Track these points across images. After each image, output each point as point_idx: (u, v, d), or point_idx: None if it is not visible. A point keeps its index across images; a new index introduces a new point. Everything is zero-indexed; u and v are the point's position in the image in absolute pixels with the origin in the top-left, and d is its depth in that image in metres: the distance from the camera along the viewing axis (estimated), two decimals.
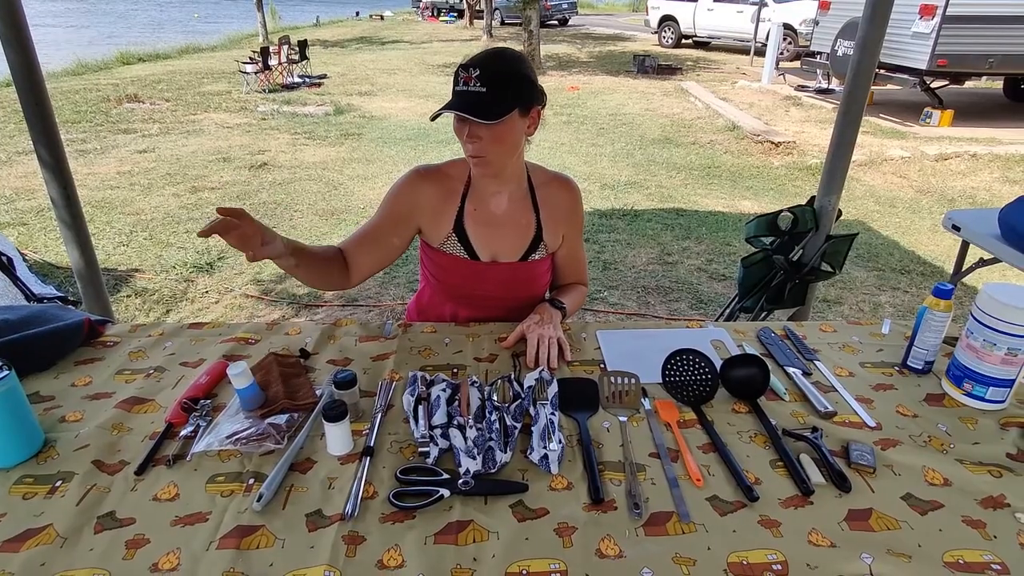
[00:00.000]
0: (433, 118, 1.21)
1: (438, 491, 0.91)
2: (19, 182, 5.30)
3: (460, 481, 0.93)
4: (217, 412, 1.09)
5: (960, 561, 0.82)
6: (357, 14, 29.91)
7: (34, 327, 1.24)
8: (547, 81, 11.30)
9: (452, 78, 1.24)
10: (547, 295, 1.52)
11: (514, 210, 1.40)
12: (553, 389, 1.13)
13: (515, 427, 1.04)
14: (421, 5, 28.61)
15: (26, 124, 2.00)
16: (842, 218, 2.61)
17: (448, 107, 1.18)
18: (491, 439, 1.00)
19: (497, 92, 1.18)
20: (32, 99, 1.95)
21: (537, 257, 1.43)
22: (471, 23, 22.57)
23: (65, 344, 1.26)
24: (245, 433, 0.99)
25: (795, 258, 2.51)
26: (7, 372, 0.94)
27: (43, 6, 30.75)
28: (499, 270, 1.42)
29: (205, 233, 0.93)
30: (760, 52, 12.43)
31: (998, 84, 9.84)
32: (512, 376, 1.18)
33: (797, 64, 11.52)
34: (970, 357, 1.13)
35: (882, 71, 7.83)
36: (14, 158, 5.98)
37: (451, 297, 1.48)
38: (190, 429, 1.04)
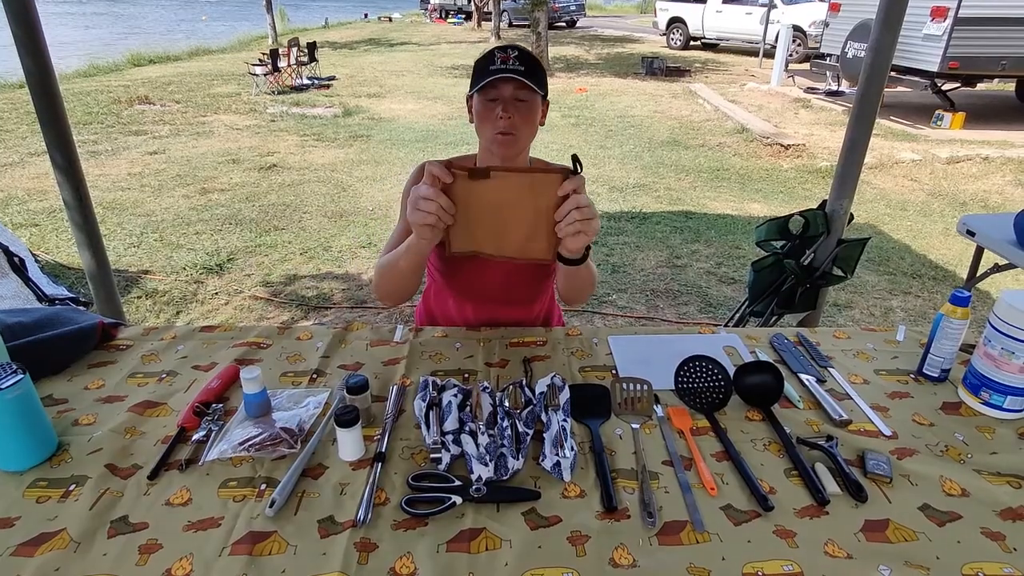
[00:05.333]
0: (480, 91, 1.23)
1: (450, 498, 0.91)
2: (31, 183, 5.34)
3: (472, 488, 0.92)
4: (229, 416, 1.09)
5: (980, 574, 0.81)
6: (365, 16, 30.02)
7: (48, 330, 1.24)
8: (555, 83, 11.32)
9: (476, 65, 1.26)
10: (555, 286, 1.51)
11: None
12: (565, 395, 1.12)
13: (527, 434, 1.04)
14: (429, 7, 28.68)
15: (40, 127, 2.01)
16: (853, 222, 2.59)
17: (499, 73, 1.20)
18: (503, 446, 1.00)
19: (533, 72, 1.24)
20: (46, 103, 1.96)
21: None
22: (479, 25, 22.60)
23: (79, 347, 1.27)
24: (258, 439, 0.99)
25: (806, 262, 2.49)
26: (22, 376, 0.95)
27: (56, 8, 31.03)
28: (501, 260, 1.41)
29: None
30: (769, 54, 12.38)
31: (1010, 86, 9.74)
32: (524, 382, 1.18)
33: (806, 66, 11.48)
34: (988, 366, 1.12)
35: (893, 73, 7.77)
36: (27, 159, 6.03)
37: (455, 292, 1.48)
38: (202, 433, 1.04)
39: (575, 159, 1.04)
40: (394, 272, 1.25)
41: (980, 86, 8.84)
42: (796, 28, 13.04)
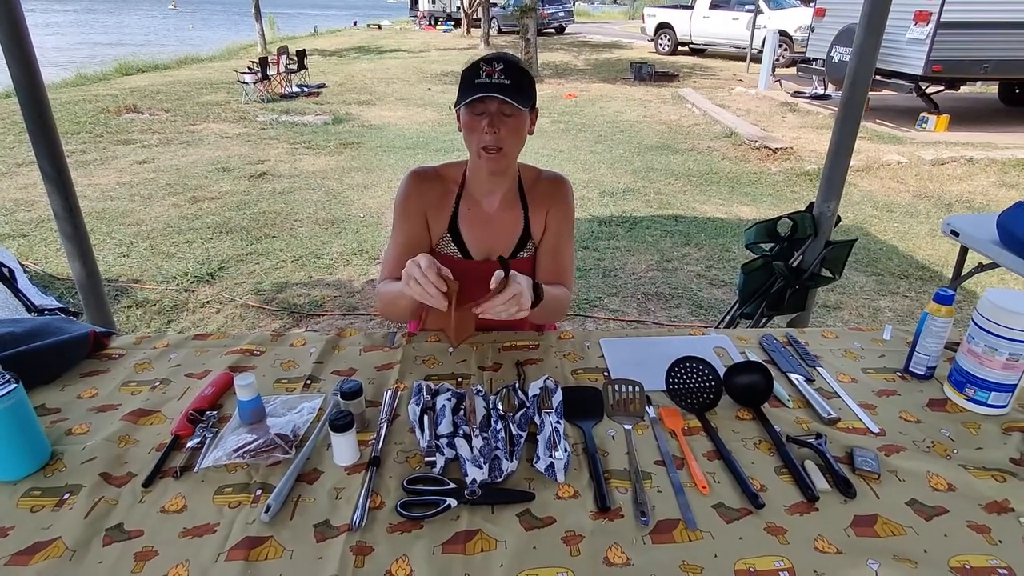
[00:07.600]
0: (466, 104, 1.24)
1: (445, 500, 0.91)
2: (19, 193, 5.30)
3: (467, 490, 0.93)
4: (223, 423, 1.09)
5: (966, 566, 0.83)
6: (355, 24, 30.04)
7: (40, 339, 1.24)
8: (545, 89, 11.38)
9: (463, 75, 1.26)
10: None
11: (504, 208, 1.43)
12: (558, 398, 1.13)
13: (521, 436, 1.04)
14: (418, 14, 28.77)
15: (28, 137, 2.00)
16: (840, 223, 2.62)
17: (483, 91, 1.20)
18: (497, 448, 1.01)
19: (520, 85, 1.24)
20: (35, 113, 1.95)
21: (525, 254, 1.46)
22: (468, 32, 22.71)
23: (71, 356, 1.27)
24: (253, 445, 1.00)
25: (795, 264, 2.52)
26: (14, 385, 0.94)
27: (43, 17, 30.86)
28: (490, 267, 1.42)
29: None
30: (756, 59, 12.51)
31: (993, 89, 9.90)
32: (517, 385, 1.19)
33: (793, 70, 11.60)
34: (972, 362, 1.14)
35: (878, 77, 7.87)
36: (14, 169, 5.99)
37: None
38: (196, 441, 1.04)
39: (504, 263, 1.16)
40: (395, 307, 1.30)
41: (963, 89, 8.95)
42: (782, 33, 13.20)
